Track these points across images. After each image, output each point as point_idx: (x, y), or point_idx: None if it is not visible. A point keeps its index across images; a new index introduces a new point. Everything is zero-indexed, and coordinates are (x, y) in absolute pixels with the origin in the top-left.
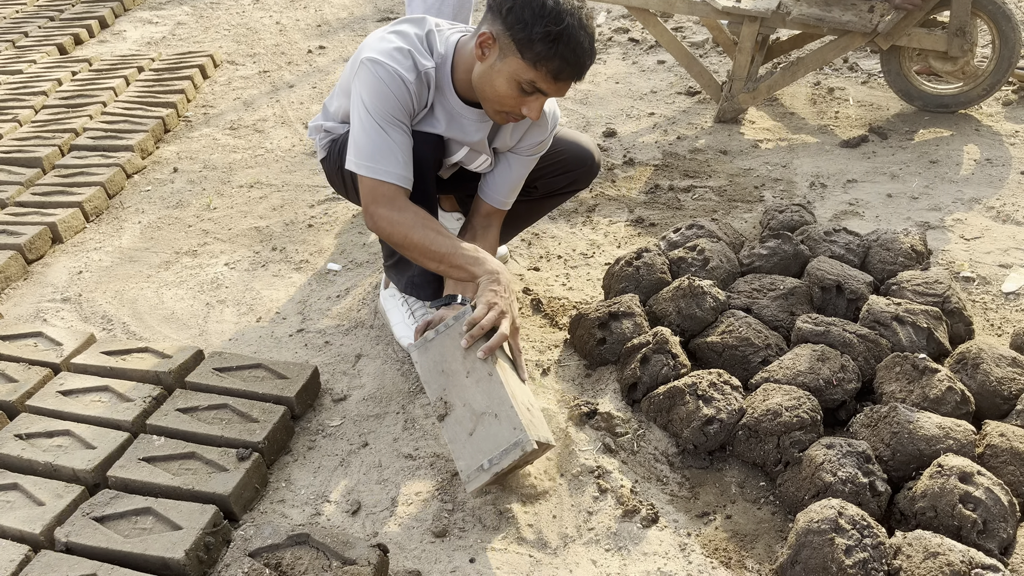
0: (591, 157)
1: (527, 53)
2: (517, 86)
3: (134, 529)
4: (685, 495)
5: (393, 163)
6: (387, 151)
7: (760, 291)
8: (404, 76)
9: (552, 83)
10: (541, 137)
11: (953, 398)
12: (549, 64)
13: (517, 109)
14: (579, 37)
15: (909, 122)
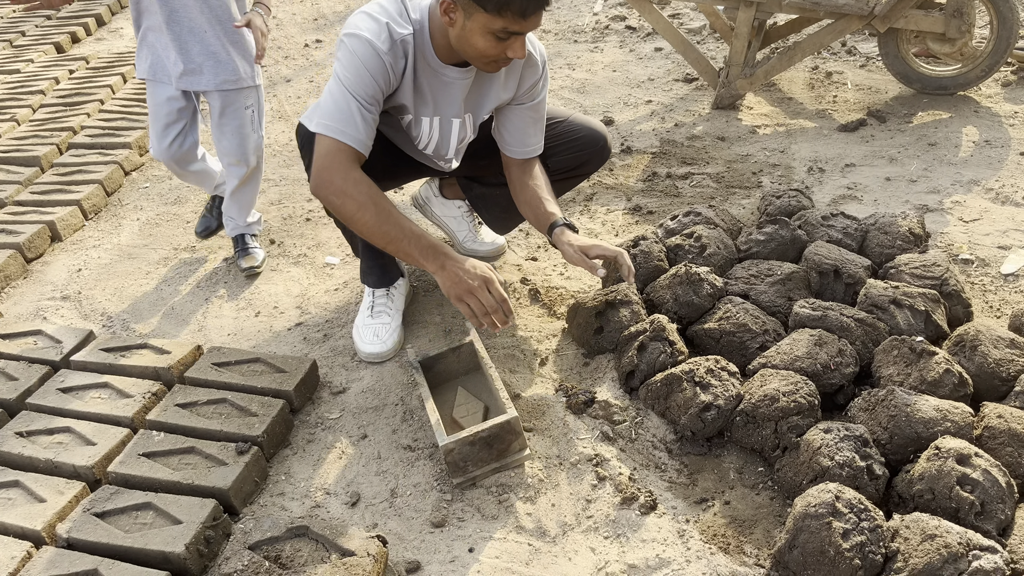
0: (603, 139)
1: (488, 5)
2: (493, 37)
3: (135, 524)
4: (683, 482)
5: (352, 127)
6: (348, 116)
7: (757, 277)
8: (378, 48)
9: (523, 21)
10: (535, 76)
11: (951, 380)
12: (512, 6)
13: (502, 55)
14: None
15: (908, 105)
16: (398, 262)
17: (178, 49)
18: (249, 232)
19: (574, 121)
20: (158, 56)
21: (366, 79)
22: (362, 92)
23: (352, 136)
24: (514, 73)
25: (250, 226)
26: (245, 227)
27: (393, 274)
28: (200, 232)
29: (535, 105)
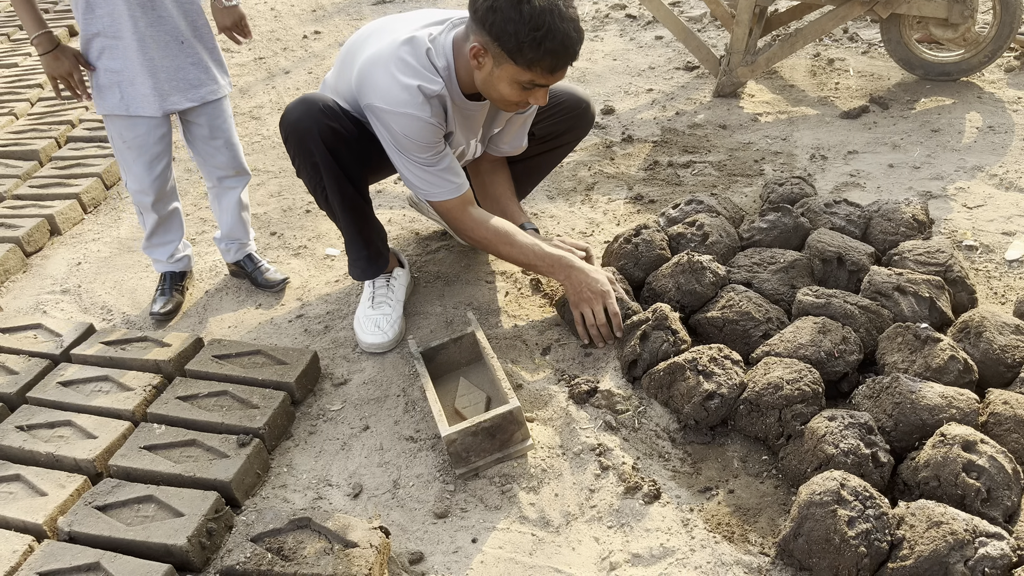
0: (586, 103)
1: (519, 59)
2: (519, 86)
3: (136, 517)
4: (687, 471)
5: (445, 185)
6: (438, 179)
7: (760, 265)
8: (423, 119)
9: (550, 76)
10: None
11: (956, 367)
12: (542, 63)
13: (524, 101)
14: (563, 30)
15: (910, 91)
16: (388, 254)
17: (153, 69)
18: (255, 248)
19: (557, 87)
20: (129, 85)
21: (424, 147)
22: (429, 158)
23: (449, 190)
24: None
25: (253, 242)
26: (251, 243)
27: (376, 267)
28: (167, 313)
29: (530, 113)
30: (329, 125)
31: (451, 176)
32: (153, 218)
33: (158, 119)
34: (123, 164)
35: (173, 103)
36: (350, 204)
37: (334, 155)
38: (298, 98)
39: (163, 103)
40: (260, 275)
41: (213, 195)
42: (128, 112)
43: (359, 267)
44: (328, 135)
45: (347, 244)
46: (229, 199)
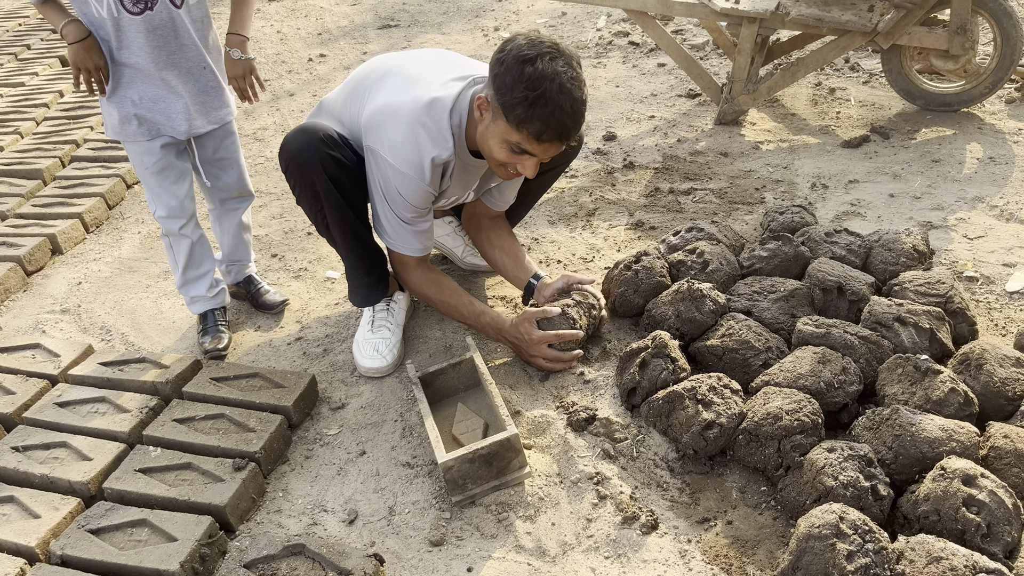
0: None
1: (510, 116)
2: (508, 147)
3: (129, 541)
4: (685, 501)
5: (409, 243)
6: (405, 237)
7: (760, 293)
8: (421, 183)
9: (536, 144)
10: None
11: (956, 399)
12: (530, 126)
13: (513, 166)
14: (559, 101)
15: (911, 121)
16: (389, 280)
17: (179, 94)
18: (255, 270)
19: None
20: (157, 110)
21: (412, 208)
22: (413, 217)
23: (412, 249)
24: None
25: (254, 262)
26: (251, 264)
27: (378, 293)
28: (224, 348)
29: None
30: (330, 154)
31: (422, 238)
32: (185, 244)
33: (178, 141)
34: (151, 191)
35: (197, 127)
36: (351, 232)
37: (335, 184)
38: (297, 128)
39: (190, 127)
40: (260, 296)
41: (214, 217)
42: (152, 136)
43: (360, 294)
44: (329, 164)
45: (348, 271)
46: (231, 220)
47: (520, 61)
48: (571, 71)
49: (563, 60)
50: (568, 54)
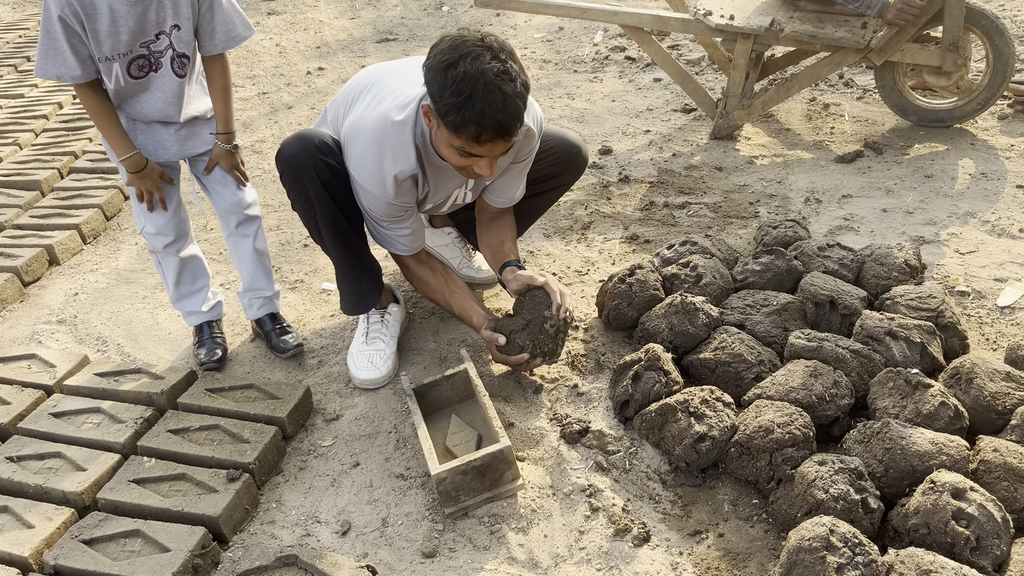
0: (577, 148)
1: (446, 122)
2: (455, 151)
3: (122, 552)
4: (677, 513)
5: (396, 244)
6: (389, 238)
7: (753, 307)
8: (383, 199)
9: (478, 146)
10: (530, 145)
11: (946, 413)
12: (466, 130)
13: (469, 168)
14: (488, 99)
15: (904, 137)
16: (381, 289)
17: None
18: (278, 308)
19: (549, 133)
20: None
21: (387, 215)
22: (388, 222)
23: (398, 249)
24: (514, 147)
25: (277, 295)
26: (275, 296)
27: (368, 302)
28: (219, 360)
29: (525, 163)
30: (324, 161)
31: (406, 240)
32: (173, 263)
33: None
34: (139, 209)
35: (189, 148)
36: (343, 239)
37: (328, 190)
38: (294, 134)
39: (180, 149)
40: (275, 337)
41: (230, 246)
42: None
43: (350, 301)
44: (323, 170)
45: (339, 278)
46: (244, 247)
47: (444, 67)
48: (498, 64)
49: (489, 55)
50: (496, 47)
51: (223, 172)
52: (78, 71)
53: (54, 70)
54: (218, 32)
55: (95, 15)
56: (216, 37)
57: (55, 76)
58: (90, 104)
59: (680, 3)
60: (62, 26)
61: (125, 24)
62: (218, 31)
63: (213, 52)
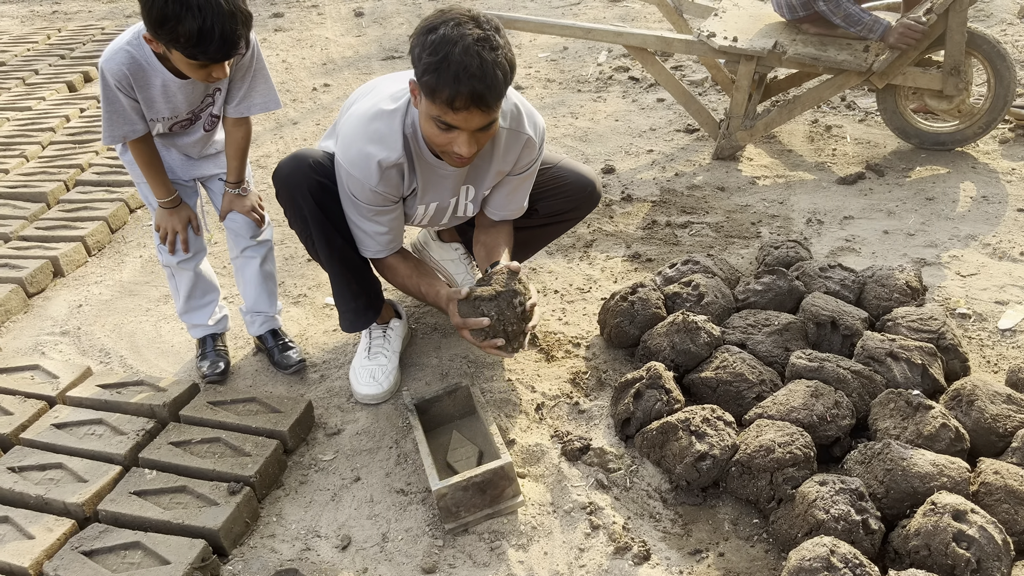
0: (592, 185)
1: (424, 88)
2: (435, 124)
3: (122, 563)
4: (678, 532)
5: (371, 244)
6: (364, 238)
7: (755, 327)
8: (366, 184)
9: (452, 113)
10: (531, 156)
11: (947, 435)
12: (440, 94)
13: (449, 147)
14: (464, 62)
15: (906, 159)
16: (380, 305)
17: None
18: (280, 324)
19: (563, 167)
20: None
21: (365, 209)
22: (365, 218)
23: (374, 250)
24: (512, 151)
25: (279, 312)
26: (278, 314)
27: (365, 320)
28: (222, 373)
29: (526, 175)
30: (318, 180)
31: (383, 240)
32: (188, 277)
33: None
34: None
35: (201, 169)
36: (339, 257)
37: (322, 209)
38: (290, 154)
39: (191, 170)
40: (277, 353)
41: (236, 267)
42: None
43: (348, 319)
44: (316, 190)
45: (336, 296)
46: (251, 270)
47: (425, 31)
48: (481, 32)
49: (473, 24)
50: (482, 19)
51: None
52: (140, 126)
53: (120, 132)
54: (256, 97)
55: (148, 86)
56: (253, 101)
57: (121, 137)
58: (142, 156)
59: (684, 24)
60: (121, 93)
61: (176, 97)
62: (256, 96)
63: (245, 115)
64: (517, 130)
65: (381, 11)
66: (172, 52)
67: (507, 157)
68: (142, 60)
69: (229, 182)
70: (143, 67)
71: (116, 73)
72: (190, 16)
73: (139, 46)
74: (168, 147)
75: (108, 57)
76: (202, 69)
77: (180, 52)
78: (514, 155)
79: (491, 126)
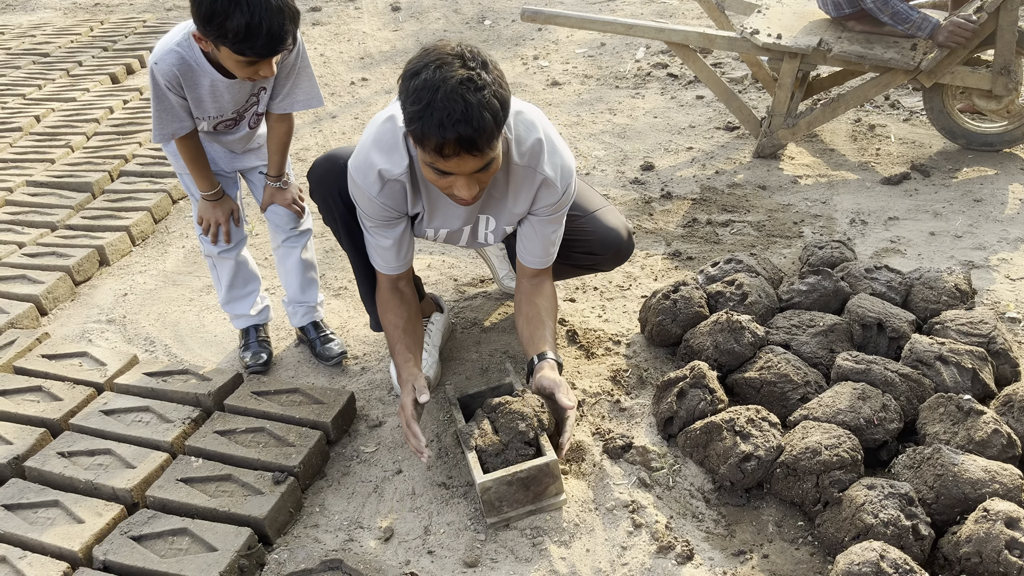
0: (619, 243)
1: (413, 136)
2: (431, 170)
3: (170, 549)
4: (721, 533)
5: (376, 258)
6: (370, 249)
7: (799, 327)
8: (368, 194)
9: (443, 160)
10: (554, 198)
11: (999, 441)
12: (428, 143)
13: (450, 191)
14: (447, 108)
15: (952, 160)
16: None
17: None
18: (322, 315)
19: (594, 219)
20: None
21: (367, 217)
22: (370, 228)
23: (379, 265)
24: (527, 190)
25: (321, 303)
26: (319, 305)
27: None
28: (265, 363)
29: (552, 219)
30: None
31: (387, 256)
32: (229, 266)
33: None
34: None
35: (244, 161)
36: (366, 259)
37: (352, 211)
38: (324, 154)
39: (233, 162)
40: (319, 345)
41: (278, 258)
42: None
43: (376, 320)
44: (348, 192)
45: (364, 298)
46: (292, 260)
47: (408, 76)
48: (465, 73)
49: (459, 63)
50: (468, 56)
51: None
52: (188, 123)
53: (169, 129)
54: (299, 94)
55: (196, 86)
56: (296, 98)
57: (171, 135)
58: (188, 151)
59: (725, 21)
60: (170, 92)
61: (223, 97)
62: (300, 93)
63: (288, 111)
64: (533, 168)
65: (418, 6)
66: (220, 49)
67: (520, 195)
68: (191, 60)
69: (270, 175)
70: (192, 67)
71: (166, 73)
72: (238, 12)
73: (189, 46)
74: (212, 141)
75: (158, 57)
76: (250, 66)
77: (228, 48)
78: (528, 194)
79: (489, 166)
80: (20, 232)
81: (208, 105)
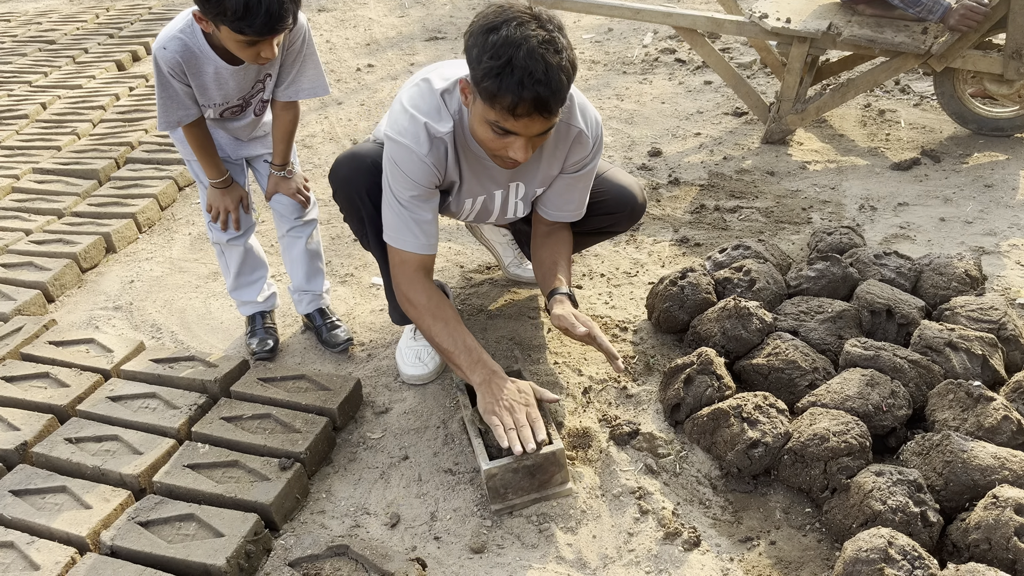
0: (632, 201)
1: (482, 92)
2: (490, 128)
3: (177, 535)
4: (728, 519)
5: (410, 236)
6: (404, 226)
7: (807, 313)
8: (418, 153)
9: (512, 120)
10: (583, 153)
11: (1009, 427)
12: (501, 100)
13: (504, 151)
14: (528, 67)
15: (963, 145)
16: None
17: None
18: (328, 302)
19: (606, 179)
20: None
21: (411, 185)
22: (411, 199)
23: (412, 244)
24: (560, 149)
25: (328, 292)
26: (325, 292)
27: None
28: (271, 350)
29: (581, 175)
30: (377, 182)
31: (423, 232)
32: (237, 253)
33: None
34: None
35: (249, 149)
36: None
37: (380, 210)
38: (348, 152)
39: (239, 150)
40: (325, 332)
41: (283, 246)
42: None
43: (399, 312)
44: (376, 192)
45: (387, 290)
46: (297, 249)
47: (484, 31)
48: (544, 34)
49: (535, 24)
50: (543, 18)
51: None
52: (194, 110)
53: (175, 117)
54: (305, 82)
55: (200, 73)
56: (302, 85)
57: (176, 123)
58: (195, 139)
59: (733, 5)
60: (174, 79)
61: (227, 84)
62: (305, 81)
63: (293, 99)
64: (568, 123)
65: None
66: (221, 29)
67: (556, 152)
68: (194, 47)
69: (275, 164)
70: (195, 54)
71: (169, 61)
72: None
73: (192, 33)
74: (218, 128)
75: (161, 45)
76: (251, 47)
77: (227, 27)
78: (563, 150)
79: (549, 131)
80: (27, 219)
81: (213, 92)
